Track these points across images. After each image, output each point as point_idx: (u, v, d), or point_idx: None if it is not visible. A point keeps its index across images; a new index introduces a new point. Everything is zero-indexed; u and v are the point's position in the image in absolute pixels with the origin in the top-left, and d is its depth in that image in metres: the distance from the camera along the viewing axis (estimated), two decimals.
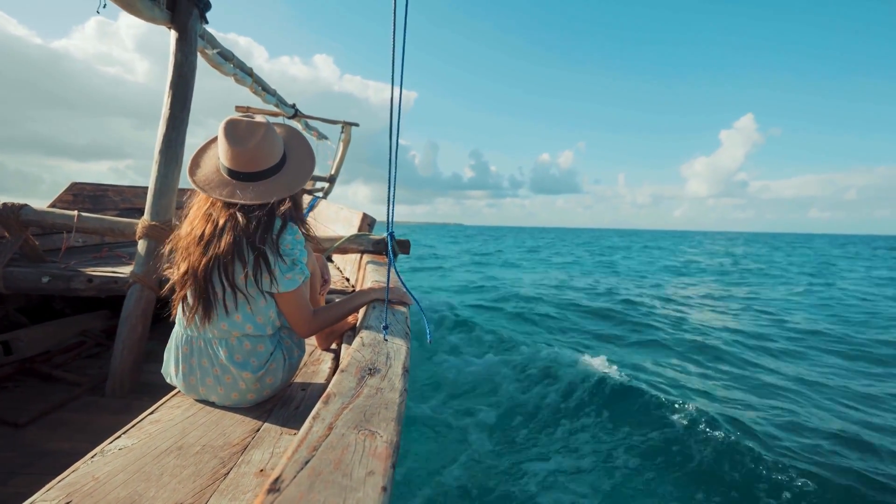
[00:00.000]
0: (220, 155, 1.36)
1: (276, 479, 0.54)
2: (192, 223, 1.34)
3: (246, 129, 1.33)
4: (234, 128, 1.33)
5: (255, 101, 4.89)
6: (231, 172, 1.35)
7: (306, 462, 0.58)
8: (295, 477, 0.54)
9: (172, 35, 2.52)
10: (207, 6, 2.69)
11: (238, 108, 5.29)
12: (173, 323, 1.40)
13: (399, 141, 1.42)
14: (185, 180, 2.58)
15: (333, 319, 1.53)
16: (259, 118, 1.38)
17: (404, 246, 2.56)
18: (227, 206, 1.31)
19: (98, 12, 2.20)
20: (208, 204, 1.35)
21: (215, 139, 1.44)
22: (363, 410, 0.74)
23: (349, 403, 0.76)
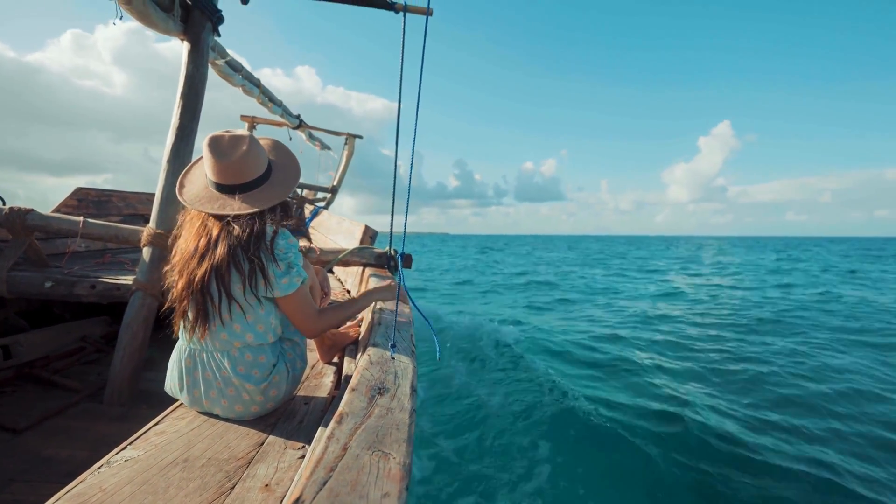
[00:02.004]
0: (207, 170, 1.40)
1: (297, 500, 0.55)
2: (187, 240, 1.37)
3: (229, 143, 1.37)
4: (218, 143, 1.36)
5: (262, 111, 4.95)
6: (219, 186, 1.38)
7: (324, 483, 0.59)
8: (314, 498, 0.56)
9: (185, 46, 2.56)
10: (220, 20, 2.74)
11: (243, 118, 5.34)
12: (175, 336, 1.42)
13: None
14: None
15: (339, 320, 1.56)
16: (240, 131, 1.42)
17: (407, 261, 2.58)
18: (219, 218, 1.34)
19: (114, 23, 2.24)
20: (200, 219, 1.38)
21: (200, 159, 1.49)
22: (375, 431, 0.75)
23: (361, 423, 0.77)
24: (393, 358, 1.17)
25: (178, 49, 2.61)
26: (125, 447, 1.16)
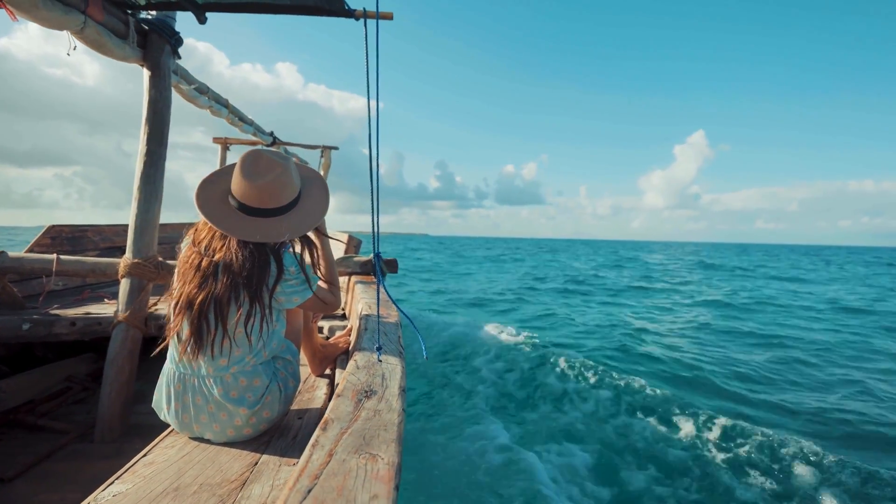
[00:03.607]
0: (233, 185, 1.35)
1: None
2: (195, 248, 1.33)
3: (265, 165, 1.32)
4: (255, 161, 1.32)
5: (233, 132, 4.89)
6: (240, 205, 1.34)
7: (308, 491, 0.57)
8: None
9: (145, 73, 2.52)
10: (179, 42, 2.70)
11: (216, 140, 5.28)
12: (163, 359, 1.37)
13: (370, 158, 1.44)
14: (165, 216, 2.55)
15: (334, 272, 1.64)
16: (280, 153, 1.38)
17: (392, 266, 2.56)
18: (226, 237, 1.31)
19: (69, 54, 2.19)
20: (210, 235, 1.33)
21: (227, 168, 1.44)
22: (362, 434, 0.73)
23: (348, 428, 0.75)
24: (380, 360, 1.15)
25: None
26: (113, 482, 1.12)
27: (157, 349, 1.35)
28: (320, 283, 1.56)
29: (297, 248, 1.46)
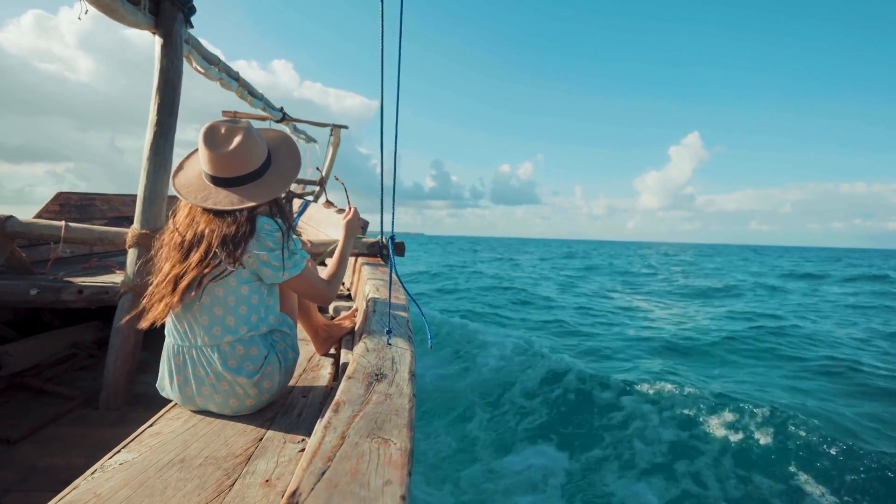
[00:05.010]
0: (201, 160, 1.36)
1: (294, 493, 0.52)
2: (176, 228, 1.33)
3: (224, 135, 1.33)
4: (214, 133, 1.33)
5: (242, 106, 4.85)
6: (211, 178, 1.34)
7: (322, 473, 0.57)
8: (312, 489, 0.53)
9: (157, 40, 2.48)
10: (192, 10, 2.65)
11: (225, 113, 5.24)
12: (145, 327, 1.37)
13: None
14: None
15: (341, 272, 1.63)
16: (241, 123, 1.37)
17: (399, 248, 2.55)
18: (207, 210, 1.31)
19: (80, 18, 2.16)
20: (189, 210, 1.34)
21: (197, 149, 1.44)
22: (374, 418, 0.73)
23: (359, 411, 0.75)
24: (390, 344, 1.14)
25: (147, 36, 2.52)
26: (119, 450, 1.13)
27: (148, 325, 1.33)
28: (323, 274, 1.57)
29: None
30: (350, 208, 1.89)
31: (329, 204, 4.25)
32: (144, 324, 1.31)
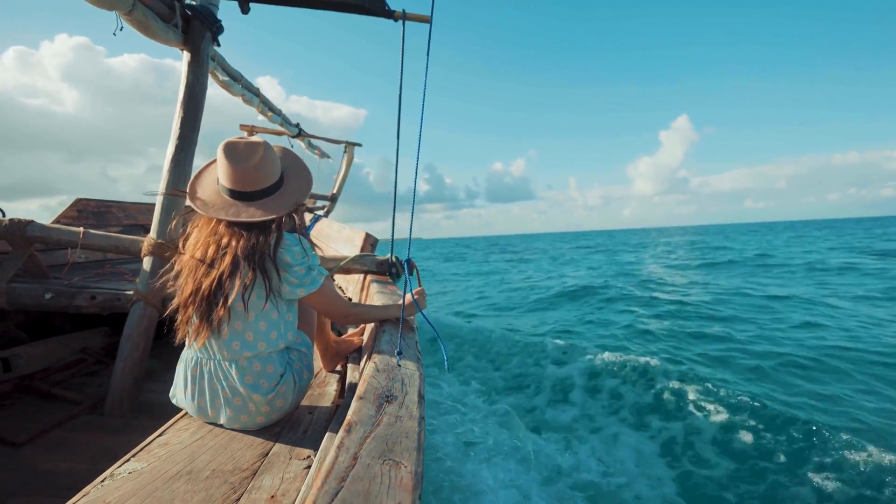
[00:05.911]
0: (221, 176, 1.38)
1: None
2: (197, 246, 1.35)
3: (245, 149, 1.36)
4: (234, 149, 1.36)
5: (242, 119, 4.96)
6: (232, 193, 1.37)
7: (336, 493, 0.58)
8: None
9: (185, 56, 2.57)
10: (220, 29, 2.75)
11: (243, 127, 5.36)
12: (176, 343, 1.39)
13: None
14: None
15: (367, 317, 1.65)
16: (255, 138, 1.41)
17: (410, 269, 2.57)
18: (230, 225, 1.33)
19: (115, 34, 2.25)
20: (211, 226, 1.36)
21: (212, 163, 1.47)
22: (385, 440, 0.74)
23: (371, 432, 0.76)
24: (399, 365, 1.15)
25: (131, 64, 2.65)
26: (128, 459, 1.14)
27: (178, 340, 1.37)
28: (346, 301, 1.58)
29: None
30: (420, 288, 1.79)
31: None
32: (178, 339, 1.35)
